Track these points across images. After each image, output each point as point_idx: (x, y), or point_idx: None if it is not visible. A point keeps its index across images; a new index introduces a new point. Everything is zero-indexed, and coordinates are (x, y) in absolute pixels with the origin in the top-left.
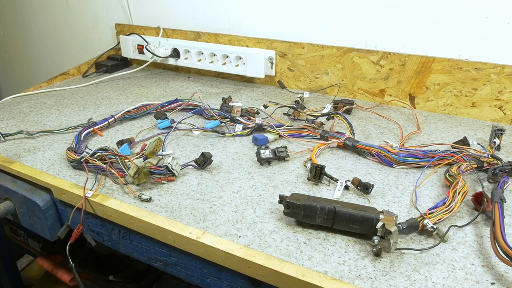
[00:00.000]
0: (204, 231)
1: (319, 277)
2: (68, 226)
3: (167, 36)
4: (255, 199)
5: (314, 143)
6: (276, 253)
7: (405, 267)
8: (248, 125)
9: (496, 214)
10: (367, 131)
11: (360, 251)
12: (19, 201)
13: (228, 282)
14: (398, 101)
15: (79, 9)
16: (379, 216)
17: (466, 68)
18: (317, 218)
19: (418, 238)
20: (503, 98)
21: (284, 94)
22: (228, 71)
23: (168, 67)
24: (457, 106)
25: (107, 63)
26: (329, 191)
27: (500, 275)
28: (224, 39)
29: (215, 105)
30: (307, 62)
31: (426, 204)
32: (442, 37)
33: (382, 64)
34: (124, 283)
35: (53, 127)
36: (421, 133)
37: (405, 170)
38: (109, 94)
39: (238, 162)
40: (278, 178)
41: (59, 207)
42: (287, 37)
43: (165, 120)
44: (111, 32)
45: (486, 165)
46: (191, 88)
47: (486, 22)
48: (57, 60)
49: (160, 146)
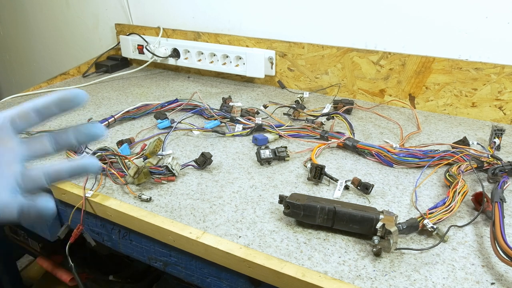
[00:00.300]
0: (204, 231)
1: (319, 277)
2: (68, 226)
3: (167, 36)
4: (255, 199)
5: (314, 143)
6: (276, 253)
7: (405, 267)
8: (248, 125)
9: (496, 214)
10: (367, 131)
11: (360, 251)
12: None
13: (228, 282)
14: (398, 101)
15: (79, 9)
16: (379, 216)
17: (466, 68)
18: (317, 218)
19: (418, 238)
20: (503, 98)
21: (284, 94)
22: (228, 71)
23: (168, 67)
24: (457, 106)
25: (107, 63)
26: (329, 191)
27: (500, 275)
28: (224, 39)
29: (215, 105)
30: (307, 62)
31: (426, 204)
32: (442, 37)
33: (382, 64)
34: (124, 283)
35: (53, 127)
36: (421, 133)
37: (405, 170)
38: (109, 94)
39: (238, 162)
40: (278, 178)
41: (59, 207)
42: (287, 37)
43: (165, 120)
44: (111, 32)
45: (486, 165)
46: (191, 88)
47: (486, 22)
48: (57, 60)
49: (160, 146)
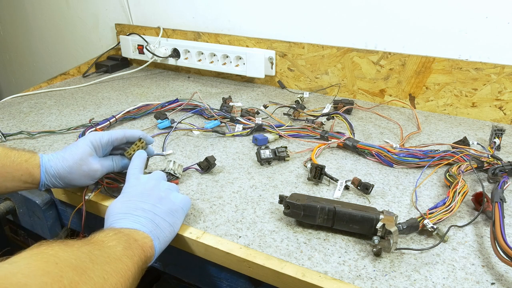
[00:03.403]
0: (204, 231)
1: (319, 277)
2: (67, 230)
3: (167, 36)
4: (255, 199)
5: (314, 143)
6: (276, 253)
7: (405, 267)
8: (248, 125)
9: (496, 214)
10: (367, 131)
11: (360, 251)
12: (19, 201)
13: (228, 282)
14: (398, 101)
15: (79, 9)
16: (379, 216)
17: (466, 68)
18: (317, 218)
19: (418, 238)
20: (503, 98)
21: (284, 94)
22: (228, 71)
23: (168, 67)
24: (457, 106)
25: (107, 63)
26: (329, 191)
27: (500, 275)
28: (224, 39)
29: (215, 105)
30: (307, 62)
31: (426, 204)
32: (442, 37)
33: (382, 64)
34: None
35: (53, 127)
36: (421, 133)
37: (405, 170)
38: (109, 94)
39: (238, 162)
40: (278, 178)
41: (59, 207)
42: (287, 37)
43: (165, 120)
44: (111, 32)
45: (486, 165)
46: (191, 88)
47: (486, 22)
48: (57, 60)
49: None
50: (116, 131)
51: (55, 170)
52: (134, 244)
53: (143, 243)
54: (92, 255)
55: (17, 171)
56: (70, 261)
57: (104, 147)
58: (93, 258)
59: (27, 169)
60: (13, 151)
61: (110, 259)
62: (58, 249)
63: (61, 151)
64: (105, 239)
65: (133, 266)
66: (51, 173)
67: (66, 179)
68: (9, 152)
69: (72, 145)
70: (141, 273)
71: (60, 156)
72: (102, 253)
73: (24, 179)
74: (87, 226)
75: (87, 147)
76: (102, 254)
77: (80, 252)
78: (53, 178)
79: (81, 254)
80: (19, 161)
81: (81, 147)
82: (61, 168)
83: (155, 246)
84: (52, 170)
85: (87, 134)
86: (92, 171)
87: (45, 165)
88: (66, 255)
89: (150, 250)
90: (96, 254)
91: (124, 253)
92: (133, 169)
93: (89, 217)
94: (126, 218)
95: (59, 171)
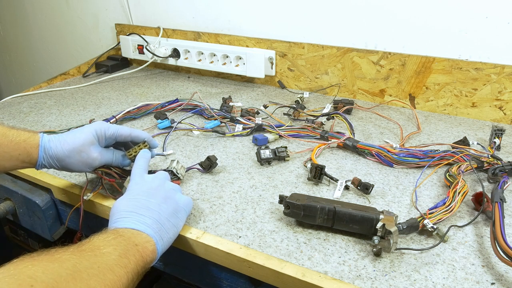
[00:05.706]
0: (204, 231)
1: (319, 277)
2: (64, 228)
3: (167, 36)
4: (255, 199)
5: (314, 143)
6: (276, 253)
7: (405, 267)
8: (248, 125)
9: (496, 214)
10: (367, 131)
11: (360, 251)
12: (19, 201)
13: (228, 282)
14: (398, 101)
15: (79, 9)
16: (379, 216)
17: (466, 68)
18: (317, 218)
19: (418, 238)
20: (503, 98)
21: (284, 94)
22: (228, 71)
23: (168, 67)
24: (457, 106)
25: (107, 63)
26: (329, 191)
27: (500, 275)
28: (224, 39)
29: (215, 105)
30: (307, 62)
31: (426, 204)
32: (442, 37)
33: (382, 64)
34: None
35: (53, 127)
36: (421, 133)
37: (405, 170)
38: (109, 94)
39: (238, 162)
40: (278, 178)
41: (59, 207)
42: (287, 37)
43: (165, 120)
44: (111, 32)
45: (486, 165)
46: (191, 88)
47: (486, 22)
48: (57, 60)
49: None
50: (123, 128)
51: (54, 152)
52: (133, 250)
53: (144, 248)
54: (77, 270)
55: (15, 151)
56: (47, 283)
57: (107, 139)
58: (76, 274)
59: (25, 149)
60: (12, 130)
61: (100, 270)
62: (38, 268)
63: (64, 134)
64: (101, 244)
65: (126, 275)
66: (49, 153)
67: (64, 162)
68: (8, 131)
69: (77, 130)
70: (139, 277)
71: (62, 139)
72: (91, 264)
73: (22, 158)
74: (86, 226)
75: (90, 134)
76: (90, 265)
77: (62, 269)
78: (50, 159)
79: (63, 271)
80: (17, 140)
81: (85, 134)
82: (60, 150)
83: (158, 248)
84: (51, 151)
85: (94, 122)
86: (91, 159)
87: (45, 146)
88: (45, 276)
89: (151, 255)
90: (83, 266)
91: (118, 261)
92: (138, 168)
93: (89, 216)
94: (131, 217)
95: (58, 153)
